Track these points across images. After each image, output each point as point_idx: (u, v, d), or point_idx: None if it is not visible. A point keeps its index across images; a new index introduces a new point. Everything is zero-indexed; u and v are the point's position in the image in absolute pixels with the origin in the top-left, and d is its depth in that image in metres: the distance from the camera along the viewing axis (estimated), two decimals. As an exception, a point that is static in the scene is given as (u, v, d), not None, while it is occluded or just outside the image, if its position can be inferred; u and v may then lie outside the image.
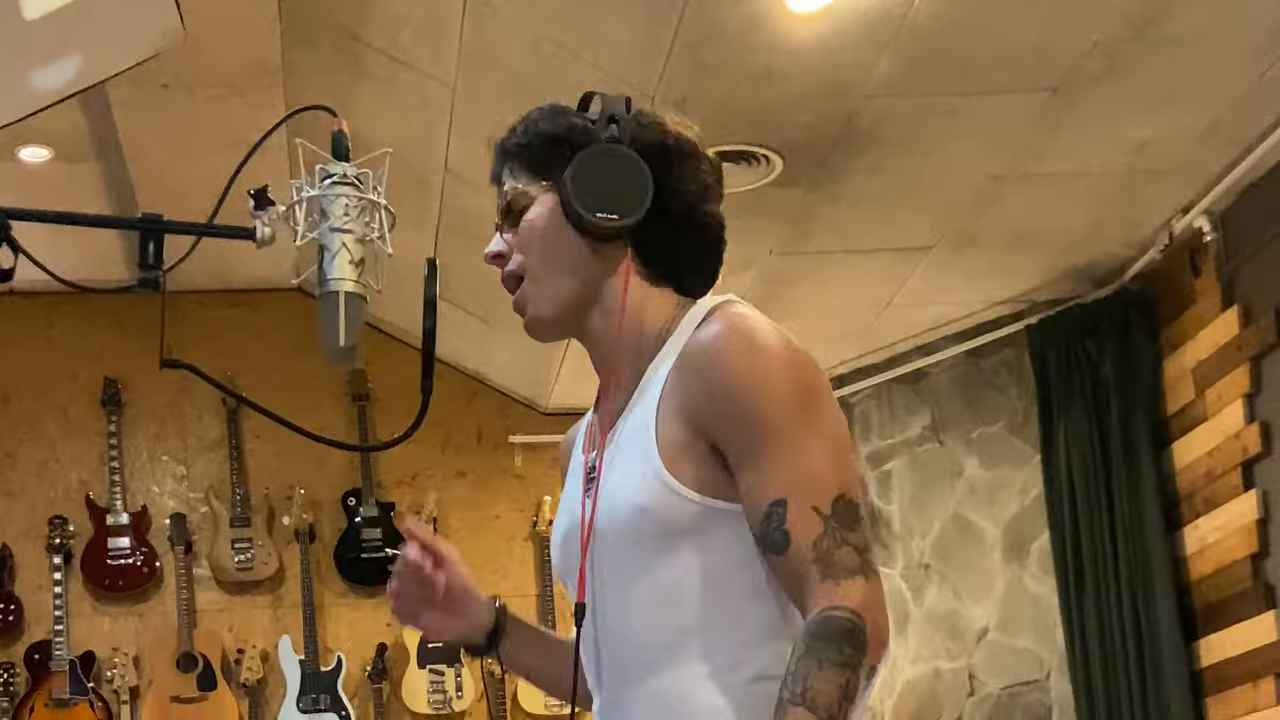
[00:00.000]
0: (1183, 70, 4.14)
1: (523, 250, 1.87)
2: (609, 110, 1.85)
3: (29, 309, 6.06)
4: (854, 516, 1.68)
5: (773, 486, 1.68)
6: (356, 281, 1.72)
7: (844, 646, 1.62)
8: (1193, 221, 4.88)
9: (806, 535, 1.66)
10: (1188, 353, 5.07)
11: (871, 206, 4.89)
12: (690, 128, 1.89)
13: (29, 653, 5.80)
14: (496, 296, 1.97)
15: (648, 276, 1.86)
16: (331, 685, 5.91)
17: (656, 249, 1.85)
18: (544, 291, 1.87)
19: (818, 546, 1.66)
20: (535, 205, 1.86)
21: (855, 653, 1.63)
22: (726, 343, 1.72)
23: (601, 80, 4.02)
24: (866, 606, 1.64)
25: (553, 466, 6.34)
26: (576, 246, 1.84)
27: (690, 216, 1.86)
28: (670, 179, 1.83)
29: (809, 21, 3.94)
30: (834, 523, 1.66)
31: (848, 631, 1.63)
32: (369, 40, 4.43)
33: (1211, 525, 4.93)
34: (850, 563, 1.66)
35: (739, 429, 1.70)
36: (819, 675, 1.61)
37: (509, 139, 1.90)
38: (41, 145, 5.03)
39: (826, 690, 1.61)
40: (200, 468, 6.14)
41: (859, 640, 1.63)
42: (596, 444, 1.88)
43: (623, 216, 1.81)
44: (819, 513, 1.66)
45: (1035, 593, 5.63)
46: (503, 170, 1.91)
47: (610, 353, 1.87)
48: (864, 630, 1.63)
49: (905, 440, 6.06)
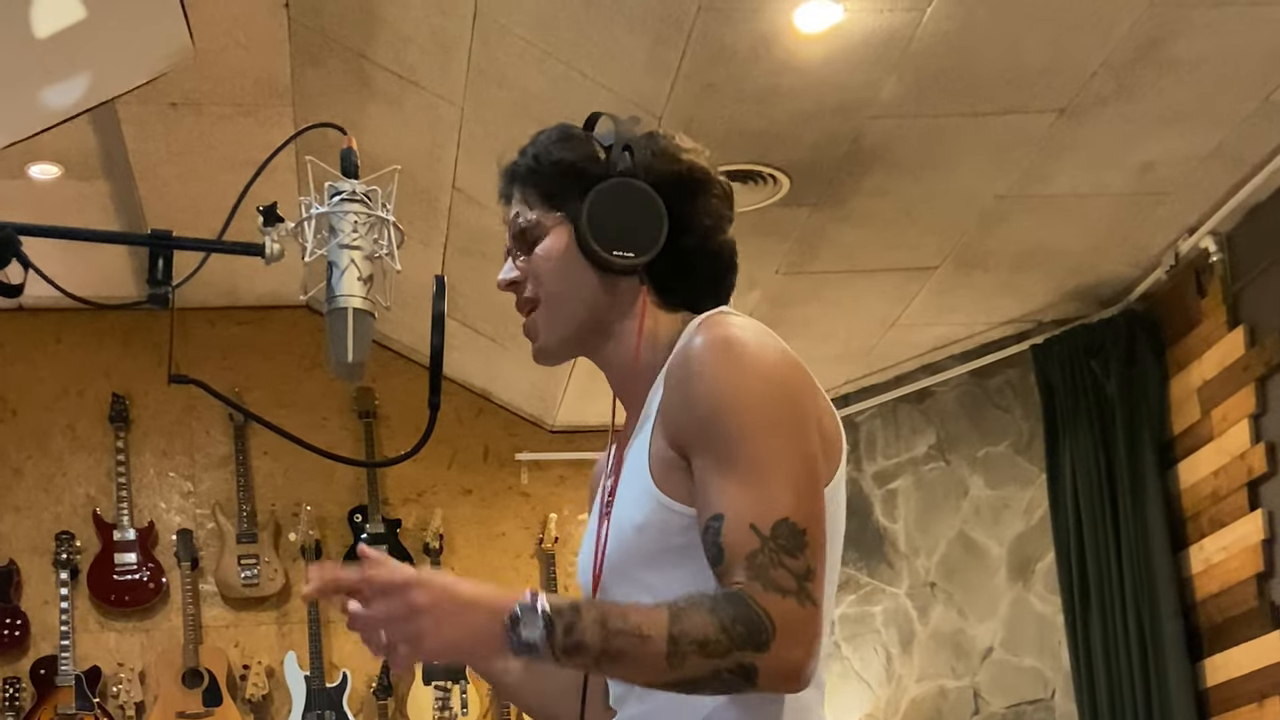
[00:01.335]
0: (1189, 92, 4.14)
1: (535, 280, 1.86)
2: (623, 138, 1.84)
3: (38, 325, 6.08)
4: (797, 543, 1.62)
5: (717, 500, 1.65)
6: (365, 298, 1.72)
7: (741, 625, 1.57)
8: (1199, 242, 4.89)
9: (739, 549, 1.62)
10: (1193, 373, 5.07)
11: (878, 226, 4.90)
12: (701, 153, 1.88)
13: (35, 668, 5.80)
14: (503, 315, 1.98)
15: (663, 304, 1.86)
16: (337, 701, 5.91)
17: (671, 280, 1.85)
18: (555, 322, 1.86)
19: (751, 560, 1.61)
20: (549, 237, 1.85)
21: (745, 639, 1.57)
22: (705, 353, 1.71)
23: (609, 99, 4.03)
24: (786, 625, 1.58)
25: (558, 484, 6.37)
26: (590, 280, 1.83)
27: (704, 248, 1.85)
28: (685, 212, 1.83)
29: (816, 42, 3.95)
30: (772, 544, 1.61)
31: (754, 621, 1.57)
32: (377, 59, 4.45)
33: (1217, 545, 4.93)
34: (785, 583, 1.60)
35: (700, 437, 1.68)
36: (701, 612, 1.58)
37: (519, 162, 1.89)
38: (51, 162, 5.05)
39: (696, 624, 1.57)
40: (207, 484, 6.15)
41: (758, 637, 1.57)
42: (612, 469, 1.89)
43: (638, 254, 1.80)
44: (756, 530, 1.62)
45: (1040, 612, 5.62)
46: (512, 192, 1.89)
47: (625, 380, 1.87)
48: (768, 637, 1.57)
49: (911, 459, 6.06)
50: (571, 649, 1.56)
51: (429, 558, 6.09)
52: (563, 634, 1.56)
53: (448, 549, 6.18)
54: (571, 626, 1.56)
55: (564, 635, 1.56)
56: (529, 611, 1.55)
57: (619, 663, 1.59)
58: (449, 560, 6.17)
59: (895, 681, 6.00)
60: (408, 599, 1.56)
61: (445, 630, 1.57)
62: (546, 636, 1.55)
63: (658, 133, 1.89)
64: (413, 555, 6.11)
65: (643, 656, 1.57)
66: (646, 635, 1.56)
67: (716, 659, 1.57)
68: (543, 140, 1.88)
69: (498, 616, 1.56)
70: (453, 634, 1.58)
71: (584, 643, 1.57)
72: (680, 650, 1.56)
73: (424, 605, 1.56)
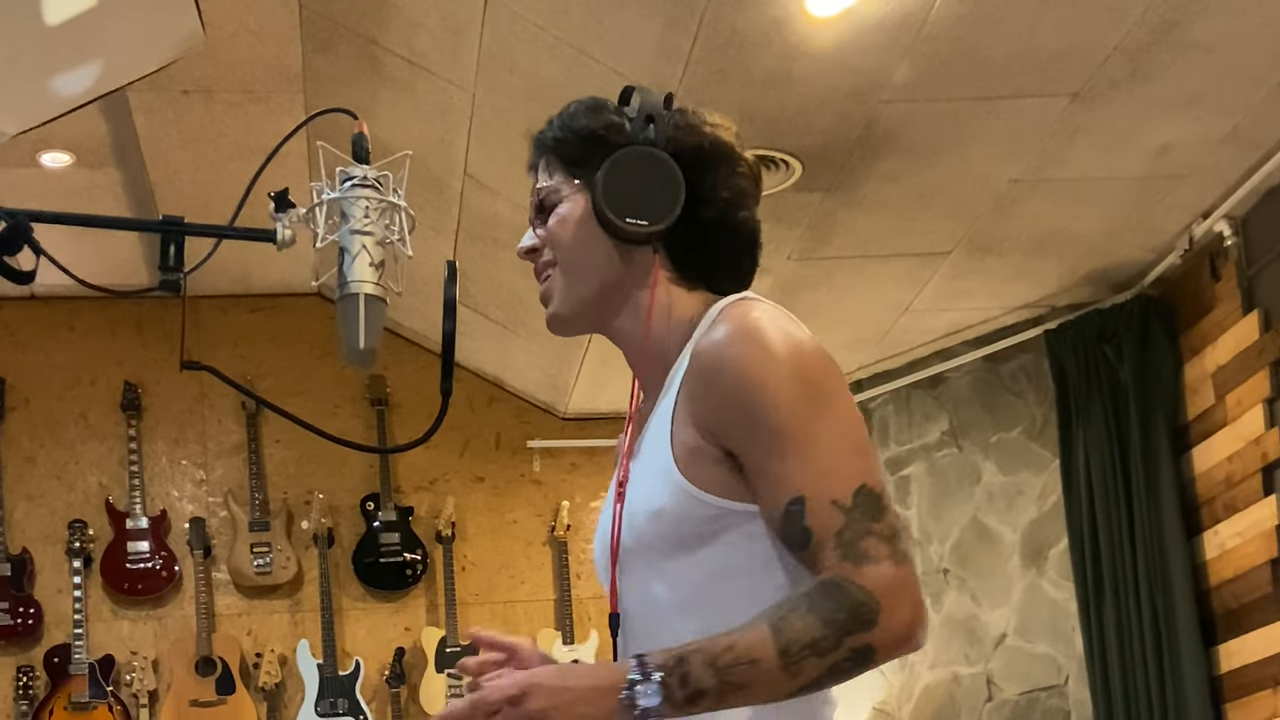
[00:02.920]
0: (1203, 75, 4.13)
1: (552, 245, 1.86)
2: (647, 109, 1.84)
3: (50, 313, 6.08)
4: (878, 506, 1.63)
5: (790, 485, 1.65)
6: (376, 284, 1.72)
7: (841, 612, 1.57)
8: (1213, 226, 4.87)
9: (828, 529, 1.62)
10: (1208, 358, 5.05)
11: (890, 212, 4.89)
12: (728, 128, 1.88)
13: (48, 656, 5.82)
14: (515, 302, 1.98)
15: (679, 279, 1.85)
16: (349, 689, 5.92)
17: (688, 253, 1.84)
18: (568, 290, 1.86)
19: (840, 537, 1.61)
20: (566, 202, 1.85)
21: (851, 623, 1.57)
22: (730, 346, 1.71)
23: (621, 84, 3.99)
24: (887, 592, 1.59)
25: (571, 472, 6.37)
26: (605, 248, 1.83)
27: (723, 222, 1.84)
28: (704, 184, 1.82)
29: (828, 26, 3.94)
30: (856, 514, 1.62)
31: (855, 603, 1.58)
32: (388, 45, 4.44)
33: (1231, 531, 4.92)
34: (876, 550, 1.60)
35: (749, 433, 1.68)
36: (801, 615, 1.58)
37: (546, 131, 1.89)
38: (62, 150, 5.05)
39: (799, 629, 1.58)
40: (220, 472, 6.15)
41: (863, 616, 1.58)
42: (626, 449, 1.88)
43: (652, 222, 1.79)
44: (839, 506, 1.62)
45: (1054, 598, 5.62)
46: (539, 162, 1.90)
47: (638, 355, 1.86)
48: (875, 611, 1.57)
49: (924, 445, 6.06)
50: (691, 699, 1.58)
51: (441, 545, 6.09)
52: (679, 688, 1.57)
53: (459, 537, 6.18)
54: (685, 679, 1.57)
55: (680, 689, 1.57)
56: (642, 680, 1.57)
57: (740, 694, 1.60)
58: (461, 548, 6.17)
59: (908, 668, 6.00)
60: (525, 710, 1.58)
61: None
62: (665, 697, 1.57)
63: (686, 108, 1.88)
64: (425, 543, 6.11)
65: (760, 680, 1.58)
66: (757, 659, 1.57)
67: (831, 655, 1.58)
68: (570, 110, 1.89)
69: (614, 695, 1.57)
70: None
71: (701, 690, 1.58)
72: (794, 660, 1.57)
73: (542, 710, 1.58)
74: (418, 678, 6.04)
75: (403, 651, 6.00)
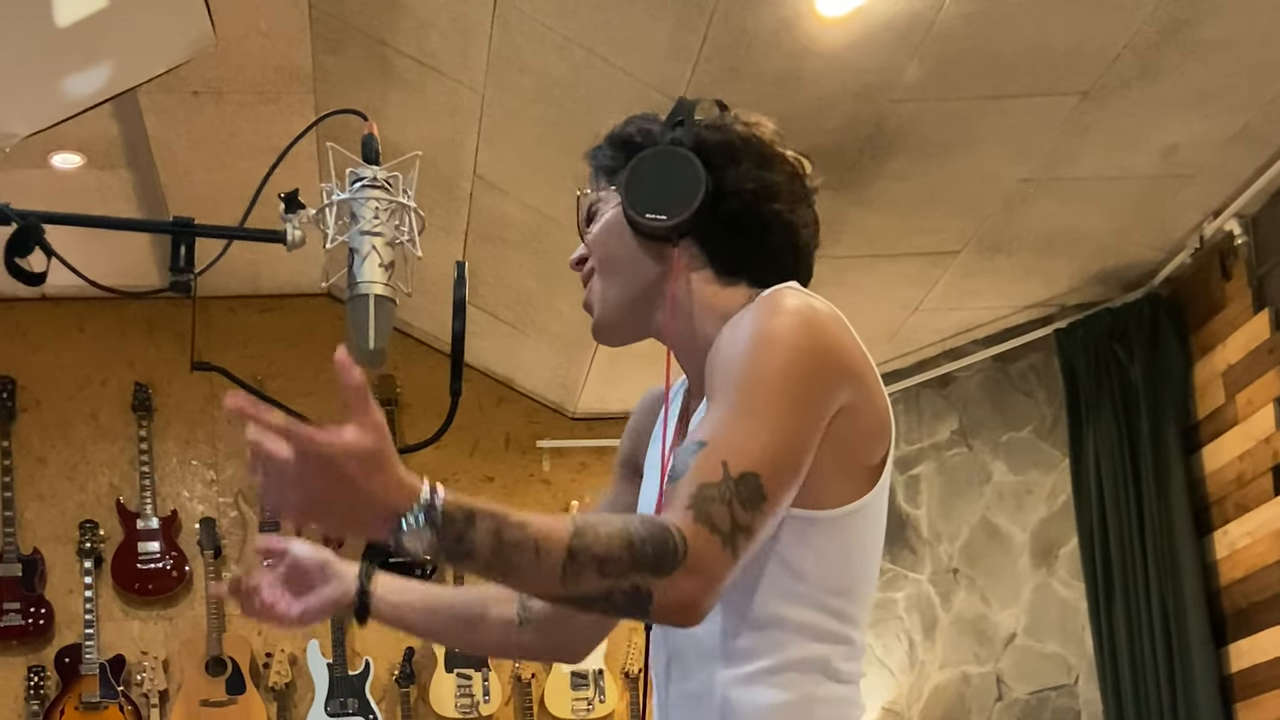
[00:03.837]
0: (1214, 74, 4.12)
1: (593, 251, 1.89)
2: (680, 113, 1.86)
3: (61, 314, 6.10)
4: (754, 499, 1.59)
5: (705, 429, 1.64)
6: (386, 285, 1.72)
7: (649, 546, 1.52)
8: (1223, 225, 4.86)
9: (699, 476, 1.58)
10: (1218, 357, 5.05)
11: (900, 211, 4.89)
12: (765, 126, 1.89)
13: (59, 656, 5.83)
14: (524, 302, 1.99)
15: (715, 275, 1.85)
16: (359, 689, 5.92)
17: (718, 247, 1.84)
18: (605, 294, 1.88)
19: (701, 490, 1.57)
20: (605, 208, 1.88)
21: (650, 562, 1.52)
22: (750, 313, 1.72)
23: (630, 84, 4.02)
24: (699, 558, 1.54)
25: (580, 471, 6.37)
26: (634, 248, 1.84)
27: (750, 214, 1.84)
28: (727, 178, 1.82)
29: (838, 25, 3.94)
30: (732, 486, 1.58)
31: (666, 549, 1.53)
32: (398, 46, 4.45)
33: (1242, 530, 4.91)
34: (720, 523, 1.56)
35: (715, 379, 1.69)
36: (610, 530, 1.53)
37: (594, 148, 1.93)
38: (73, 151, 5.06)
39: (600, 540, 1.52)
40: (230, 472, 6.16)
41: (663, 564, 1.52)
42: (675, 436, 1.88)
43: (671, 216, 1.80)
44: (725, 468, 1.59)
45: (1064, 598, 5.61)
46: (591, 177, 1.93)
47: (684, 351, 1.87)
48: (675, 566, 1.52)
49: (933, 445, 6.05)
50: (458, 556, 1.51)
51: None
52: (453, 541, 1.50)
53: (470, 536, 6.18)
54: (462, 536, 1.50)
55: (454, 542, 1.50)
56: (417, 520, 1.49)
57: (509, 575, 1.54)
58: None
59: (918, 668, 5.99)
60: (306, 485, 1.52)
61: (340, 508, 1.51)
62: (431, 543, 1.49)
63: (730, 110, 1.90)
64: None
65: (536, 572, 1.52)
66: (543, 548, 1.51)
67: (612, 578, 1.52)
68: (618, 124, 1.91)
69: (387, 516, 1.50)
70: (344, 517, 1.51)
71: (472, 553, 1.51)
72: (577, 565, 1.52)
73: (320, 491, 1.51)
74: (427, 677, 6.05)
75: (412, 651, 6.00)
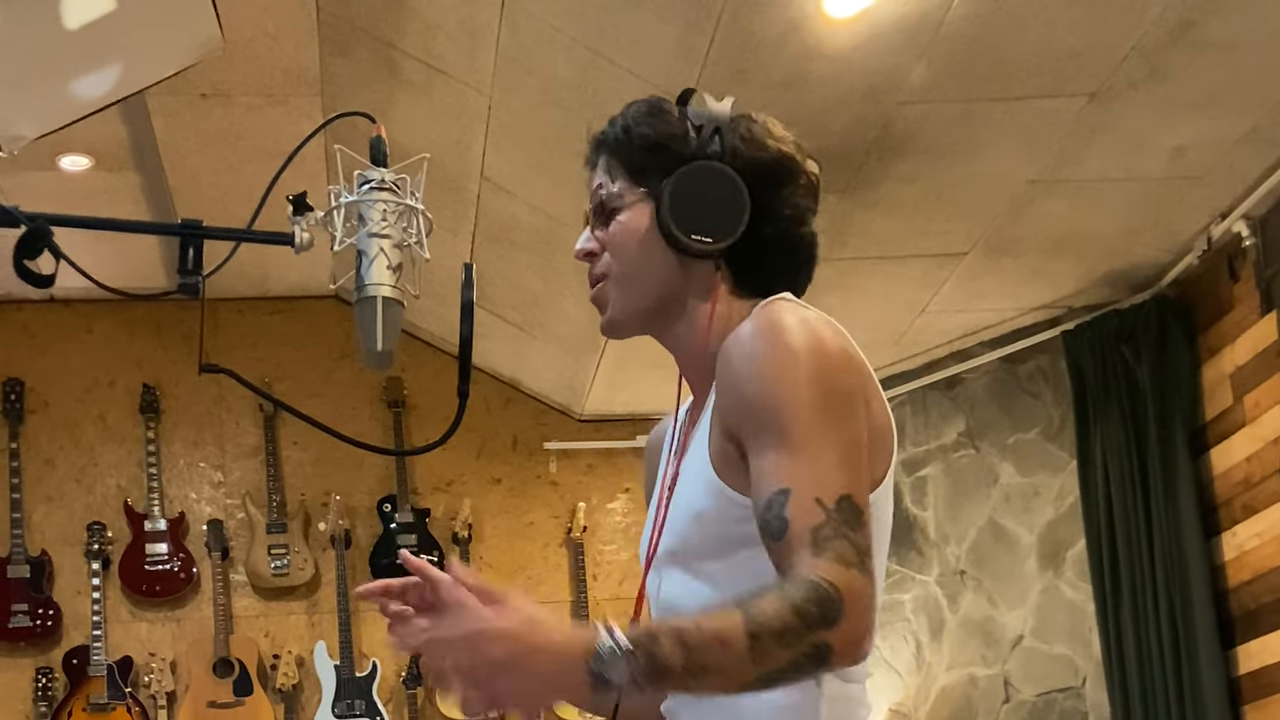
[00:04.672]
0: (1222, 75, 4.11)
1: (613, 252, 1.86)
2: (714, 120, 1.84)
3: (69, 316, 6.10)
4: (857, 519, 1.61)
5: (778, 476, 1.64)
6: (394, 287, 1.72)
7: (813, 604, 1.53)
8: (1231, 226, 4.85)
9: (805, 522, 1.60)
10: (1226, 358, 5.04)
11: (907, 212, 4.88)
12: (792, 141, 1.87)
13: (67, 658, 5.84)
14: (532, 304, 1.98)
15: (737, 291, 1.85)
16: (367, 691, 5.93)
17: (749, 267, 1.84)
18: (628, 298, 1.86)
19: (815, 533, 1.59)
20: (629, 210, 1.85)
21: (819, 615, 1.53)
22: (752, 340, 1.71)
23: (638, 86, 4.02)
24: (853, 596, 1.56)
25: (587, 473, 6.37)
26: (666, 260, 1.83)
27: (785, 238, 1.85)
28: (768, 201, 1.82)
29: (845, 27, 3.94)
30: (836, 516, 1.60)
31: (823, 596, 1.54)
32: (406, 48, 4.45)
33: (1250, 532, 4.90)
34: (847, 554, 1.58)
35: (754, 426, 1.67)
36: (773, 601, 1.54)
37: (608, 131, 1.88)
38: (81, 154, 5.07)
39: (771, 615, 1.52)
40: (237, 474, 6.17)
41: (830, 612, 1.54)
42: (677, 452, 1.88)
43: (717, 239, 1.80)
44: (821, 504, 1.61)
45: (1071, 599, 5.60)
46: (598, 160, 1.89)
47: (693, 363, 1.87)
48: (840, 609, 1.54)
49: (940, 447, 6.05)
50: (657, 675, 1.51)
51: (458, 547, 6.10)
52: (645, 664, 1.50)
53: (476, 538, 6.19)
54: (653, 656, 1.51)
55: (647, 665, 1.50)
56: (609, 650, 1.49)
57: (706, 676, 1.53)
58: (477, 549, 6.17)
59: (925, 670, 5.99)
60: (484, 656, 1.49)
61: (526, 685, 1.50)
62: (630, 671, 1.50)
63: (751, 115, 1.88)
64: (442, 544, 6.12)
65: (727, 663, 1.53)
66: (726, 640, 1.52)
67: (794, 647, 1.53)
68: (633, 112, 1.87)
69: (579, 662, 1.49)
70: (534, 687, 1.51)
71: (668, 667, 1.51)
72: (761, 645, 1.52)
73: (502, 660, 1.49)
74: (434, 680, 6.04)
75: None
